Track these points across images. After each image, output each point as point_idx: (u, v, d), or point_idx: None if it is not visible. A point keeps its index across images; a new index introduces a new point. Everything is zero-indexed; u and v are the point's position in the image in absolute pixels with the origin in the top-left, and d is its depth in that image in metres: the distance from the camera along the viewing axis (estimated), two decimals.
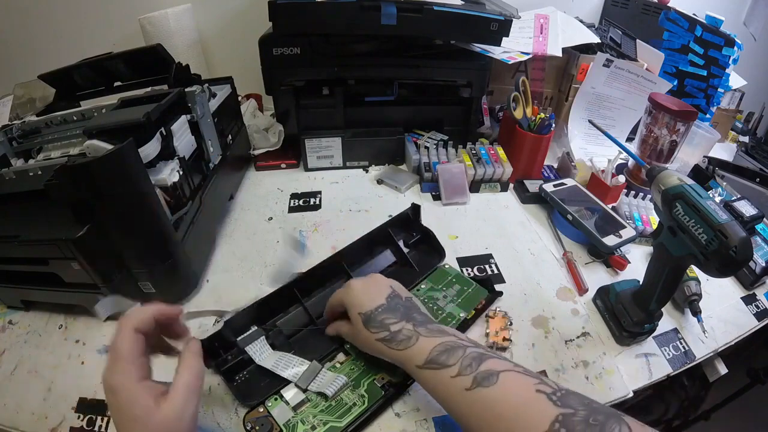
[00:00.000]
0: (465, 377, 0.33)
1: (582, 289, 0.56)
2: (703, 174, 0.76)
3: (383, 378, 0.43)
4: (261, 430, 0.39)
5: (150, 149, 0.45)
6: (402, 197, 0.74)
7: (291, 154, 0.81)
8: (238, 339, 0.43)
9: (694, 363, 0.50)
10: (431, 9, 0.64)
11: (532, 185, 0.74)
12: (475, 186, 0.75)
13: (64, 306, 0.51)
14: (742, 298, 0.58)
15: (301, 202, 0.72)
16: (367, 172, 0.81)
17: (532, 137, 0.74)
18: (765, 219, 0.63)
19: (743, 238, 0.35)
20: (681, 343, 0.51)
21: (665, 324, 0.52)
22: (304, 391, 0.41)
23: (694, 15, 0.91)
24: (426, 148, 0.78)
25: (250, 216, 0.69)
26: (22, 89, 0.68)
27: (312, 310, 0.49)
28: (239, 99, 0.83)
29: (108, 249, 0.44)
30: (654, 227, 0.64)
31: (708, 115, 0.95)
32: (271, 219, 0.68)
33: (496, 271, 0.59)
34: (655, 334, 0.51)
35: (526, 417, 0.30)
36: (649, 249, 0.64)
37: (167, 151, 0.49)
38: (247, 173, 0.80)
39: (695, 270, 0.55)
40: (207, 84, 0.64)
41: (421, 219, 0.59)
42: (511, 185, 0.77)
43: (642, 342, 0.50)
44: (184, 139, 0.52)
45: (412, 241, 0.58)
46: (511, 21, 0.68)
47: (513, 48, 0.80)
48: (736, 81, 0.97)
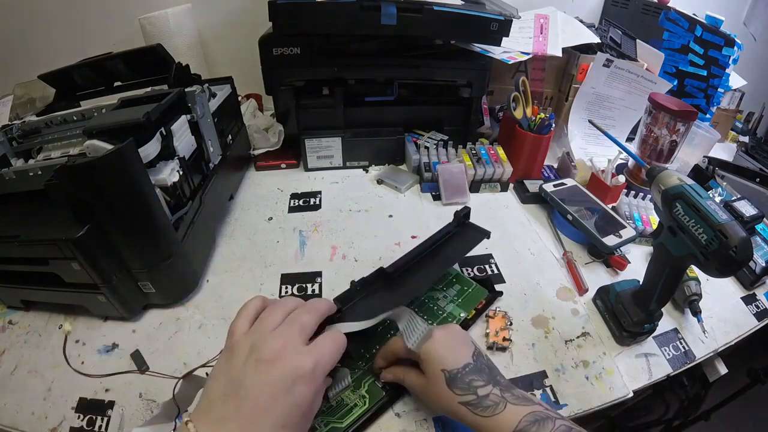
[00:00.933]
0: None
1: (582, 289, 0.56)
2: (703, 174, 0.76)
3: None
4: None
5: (150, 149, 0.45)
6: (402, 197, 0.74)
7: (291, 154, 0.81)
8: None
9: (694, 363, 0.50)
10: (431, 9, 0.64)
11: (532, 185, 0.74)
12: (475, 186, 0.75)
13: (64, 306, 0.51)
14: (742, 298, 0.58)
15: (301, 202, 0.72)
16: (367, 172, 0.81)
17: (532, 137, 0.74)
18: (765, 219, 0.63)
19: (743, 238, 0.35)
20: (681, 343, 0.51)
21: (665, 324, 0.52)
22: None
23: (694, 15, 0.91)
24: (426, 148, 0.78)
25: (250, 216, 0.69)
26: (22, 89, 0.68)
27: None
28: (239, 99, 0.83)
29: (108, 249, 0.44)
30: (654, 227, 0.64)
31: (708, 115, 0.95)
32: (271, 219, 0.68)
33: (496, 271, 0.59)
34: (655, 334, 0.51)
35: None
36: (649, 249, 0.64)
37: (167, 151, 0.49)
38: (247, 173, 0.80)
39: (695, 270, 0.55)
40: (207, 84, 0.64)
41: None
42: (511, 185, 0.77)
43: (642, 342, 0.50)
44: (184, 139, 0.52)
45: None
46: (511, 21, 0.68)
47: (513, 48, 0.80)
48: (736, 81, 0.97)
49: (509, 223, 0.69)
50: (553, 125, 0.75)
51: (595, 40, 0.85)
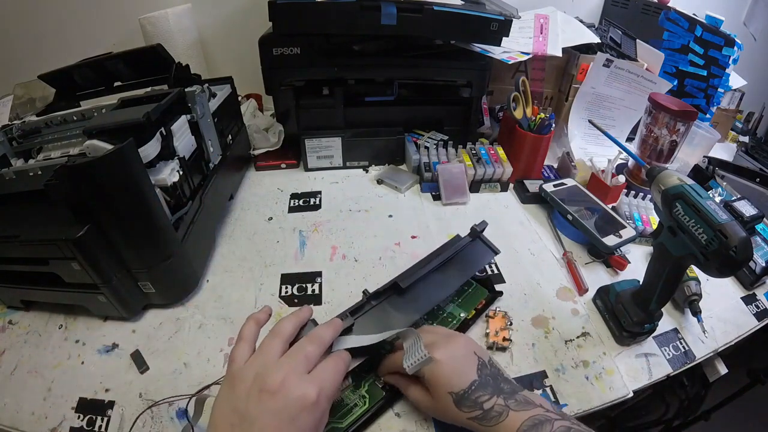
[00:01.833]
0: None
1: (582, 289, 0.56)
2: (703, 174, 0.76)
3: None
4: None
5: (150, 149, 0.45)
6: (402, 197, 0.74)
7: (291, 154, 0.81)
8: None
9: (694, 363, 0.50)
10: (431, 9, 0.64)
11: (532, 185, 0.74)
12: (475, 186, 0.75)
13: (64, 306, 0.51)
14: (742, 298, 0.58)
15: (301, 202, 0.72)
16: (367, 172, 0.81)
17: (532, 137, 0.74)
18: (765, 219, 0.63)
19: (743, 238, 0.35)
20: (681, 343, 0.51)
21: (665, 324, 0.52)
22: None
23: (694, 15, 0.91)
24: (426, 148, 0.78)
25: (250, 216, 0.69)
26: (22, 89, 0.68)
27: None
28: (239, 99, 0.83)
29: (108, 249, 0.44)
30: (654, 227, 0.64)
31: (708, 115, 0.95)
32: (271, 219, 0.68)
33: (496, 271, 0.59)
34: (655, 334, 0.51)
35: None
36: (649, 249, 0.64)
37: (167, 151, 0.49)
38: (247, 173, 0.80)
39: (695, 270, 0.55)
40: (207, 84, 0.64)
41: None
42: (511, 185, 0.77)
43: (642, 342, 0.50)
44: (184, 139, 0.52)
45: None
46: (511, 21, 0.68)
47: (513, 48, 0.80)
48: (736, 81, 0.97)
49: (509, 223, 0.69)
50: (553, 125, 0.75)
51: (595, 40, 0.85)
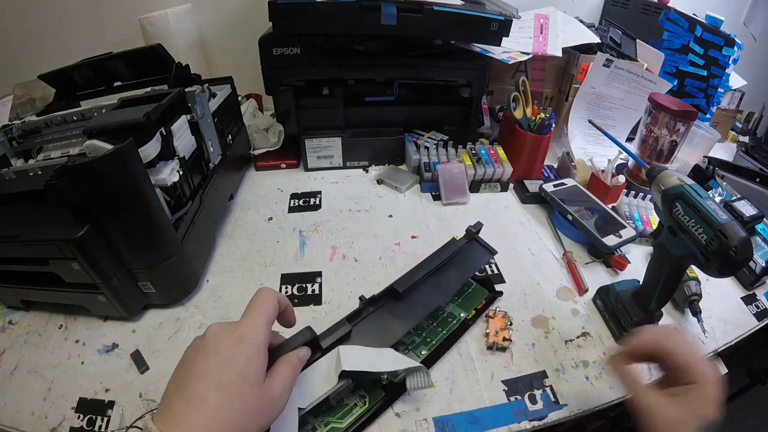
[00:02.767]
0: None
1: (582, 289, 0.56)
2: (703, 174, 0.76)
3: (384, 378, 0.43)
4: None
5: (150, 149, 0.45)
6: (402, 197, 0.74)
7: (291, 154, 0.81)
8: None
9: None
10: (431, 9, 0.64)
11: (532, 185, 0.74)
12: (475, 186, 0.75)
13: (64, 306, 0.51)
14: (742, 298, 0.58)
15: (301, 202, 0.72)
16: (367, 172, 0.81)
17: (532, 137, 0.74)
18: (765, 219, 0.63)
19: (743, 238, 0.35)
20: None
21: (665, 324, 0.52)
22: None
23: (694, 15, 0.91)
24: (426, 148, 0.78)
25: (250, 216, 0.69)
26: (22, 89, 0.68)
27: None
28: (239, 99, 0.83)
29: (108, 249, 0.44)
30: (654, 227, 0.64)
31: (708, 115, 0.95)
32: (271, 219, 0.68)
33: (496, 271, 0.59)
34: None
35: None
36: (649, 249, 0.64)
37: (167, 151, 0.49)
38: (247, 173, 0.80)
39: (695, 270, 0.55)
40: (207, 84, 0.64)
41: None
42: (511, 185, 0.77)
43: None
44: (184, 139, 0.52)
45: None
46: (511, 21, 0.68)
47: (513, 48, 0.80)
48: (736, 81, 0.97)
49: (509, 223, 0.69)
50: (553, 125, 0.75)
51: (595, 40, 0.85)
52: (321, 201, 0.72)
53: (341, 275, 0.57)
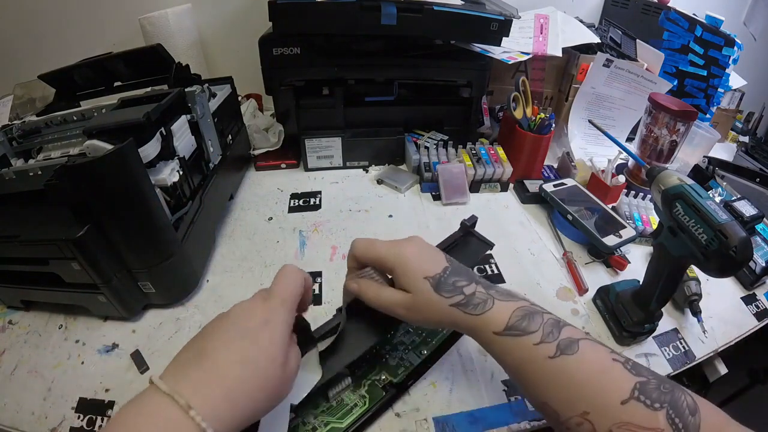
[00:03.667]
0: (548, 345, 0.32)
1: (582, 289, 0.56)
2: (703, 174, 0.76)
3: (384, 378, 0.43)
4: None
5: (150, 149, 0.45)
6: (402, 197, 0.74)
7: (291, 154, 0.81)
8: None
9: (694, 363, 0.50)
10: (431, 9, 0.64)
11: (532, 185, 0.74)
12: (475, 186, 0.75)
13: (64, 306, 0.51)
14: (742, 298, 0.58)
15: (301, 202, 0.72)
16: (367, 172, 0.81)
17: (532, 137, 0.74)
18: (765, 219, 0.63)
19: (743, 238, 0.35)
20: (681, 343, 0.51)
21: (665, 324, 0.52)
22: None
23: (694, 15, 0.91)
24: (426, 148, 0.78)
25: (250, 216, 0.69)
26: (22, 89, 0.67)
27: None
28: (239, 99, 0.83)
29: (108, 249, 0.44)
30: (654, 227, 0.64)
31: (708, 115, 0.95)
32: (271, 219, 0.68)
33: (496, 271, 0.59)
34: (655, 334, 0.51)
35: (607, 384, 0.30)
36: (649, 249, 0.64)
37: (167, 151, 0.49)
38: (247, 173, 0.80)
39: (695, 270, 0.55)
40: (207, 84, 0.64)
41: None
42: (511, 185, 0.77)
43: (642, 342, 0.50)
44: (184, 139, 0.52)
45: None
46: (511, 21, 0.68)
47: (513, 48, 0.80)
48: (736, 81, 0.97)
49: (509, 223, 0.69)
50: (553, 125, 0.75)
51: (595, 40, 0.85)
52: (321, 201, 0.72)
53: (341, 275, 0.57)
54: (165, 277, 0.49)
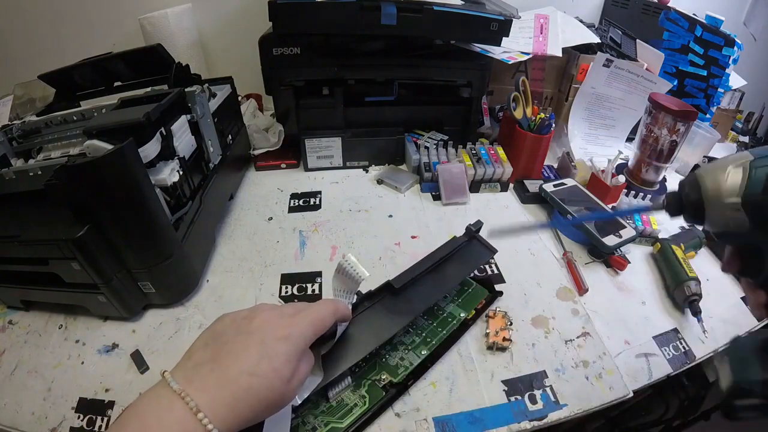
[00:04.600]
0: None
1: (582, 289, 0.56)
2: None
3: (384, 378, 0.43)
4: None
5: (150, 149, 0.45)
6: (402, 197, 0.74)
7: (291, 154, 0.81)
8: None
9: (694, 363, 0.50)
10: (431, 9, 0.64)
11: (532, 185, 0.74)
12: (475, 186, 0.75)
13: (64, 306, 0.51)
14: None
15: (301, 202, 0.72)
16: (367, 172, 0.81)
17: (532, 137, 0.74)
18: None
19: None
20: (681, 343, 0.51)
21: (665, 324, 0.52)
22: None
23: (694, 15, 0.91)
24: (426, 148, 0.78)
25: (250, 216, 0.69)
26: (22, 89, 0.68)
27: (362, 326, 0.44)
28: (239, 99, 0.83)
29: (108, 249, 0.44)
30: (654, 227, 0.64)
31: (708, 115, 0.95)
32: (271, 219, 0.68)
33: (496, 271, 0.59)
34: (655, 334, 0.51)
35: None
36: (649, 249, 0.64)
37: (167, 151, 0.49)
38: (247, 173, 0.80)
39: (695, 270, 0.55)
40: (207, 84, 0.64)
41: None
42: (511, 185, 0.77)
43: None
44: (184, 139, 0.52)
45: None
46: (511, 21, 0.68)
47: (513, 48, 0.80)
48: (736, 81, 0.97)
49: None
50: (553, 125, 0.75)
51: (595, 40, 0.85)
52: (321, 201, 0.72)
53: None
54: (165, 277, 0.49)
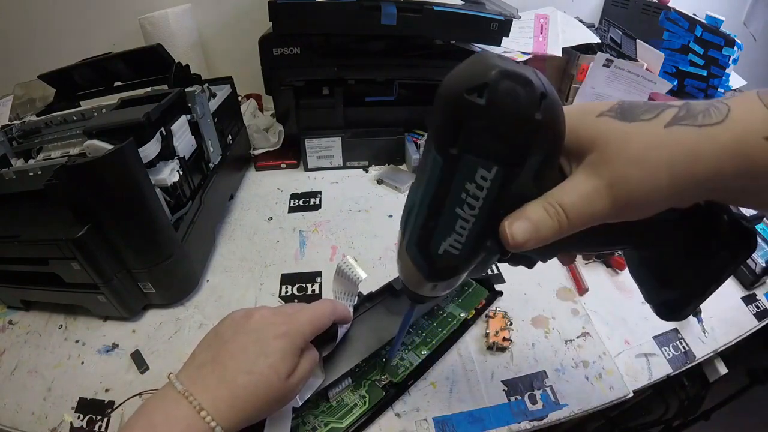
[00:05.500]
0: None
1: (582, 289, 0.56)
2: None
3: (384, 378, 0.43)
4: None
5: (150, 149, 0.45)
6: (402, 197, 0.74)
7: (291, 154, 0.81)
8: None
9: (694, 363, 0.50)
10: (431, 9, 0.64)
11: None
12: None
13: (64, 306, 0.52)
14: (742, 298, 0.58)
15: (301, 202, 0.72)
16: (367, 172, 0.81)
17: None
18: (765, 219, 0.63)
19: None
20: (681, 343, 0.51)
21: (665, 324, 0.52)
22: None
23: (694, 15, 0.91)
24: None
25: (250, 216, 0.69)
26: (22, 89, 0.68)
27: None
28: (239, 99, 0.83)
29: (108, 249, 0.44)
30: None
31: None
32: (271, 219, 0.68)
33: (496, 271, 0.59)
34: (655, 334, 0.51)
35: None
36: None
37: (167, 151, 0.49)
38: (247, 173, 0.80)
39: None
40: (207, 84, 0.64)
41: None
42: None
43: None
44: (184, 139, 0.52)
45: None
46: (511, 21, 0.68)
47: (513, 48, 0.80)
48: (736, 81, 0.97)
49: None
50: None
51: (595, 40, 0.85)
52: (321, 201, 0.72)
53: None
54: (165, 277, 0.49)
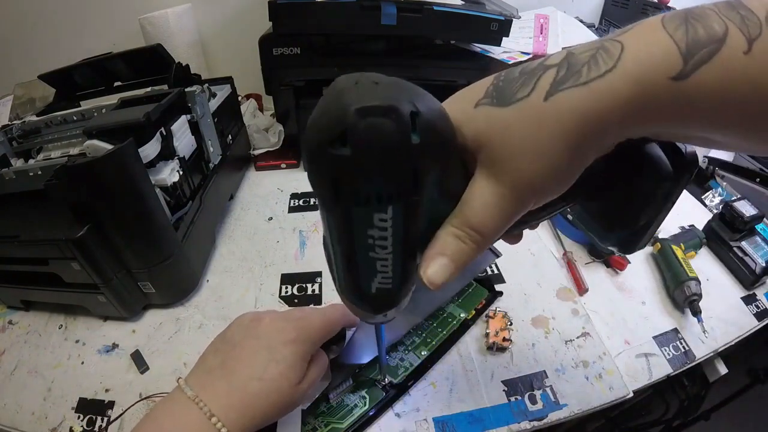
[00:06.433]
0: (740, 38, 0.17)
1: (582, 289, 0.56)
2: (703, 174, 0.76)
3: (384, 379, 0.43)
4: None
5: (150, 149, 0.45)
6: None
7: (291, 154, 0.81)
8: None
9: (694, 363, 0.50)
10: (431, 9, 0.64)
11: None
12: None
13: (64, 306, 0.52)
14: (742, 298, 0.58)
15: (301, 202, 0.72)
16: None
17: None
18: (765, 219, 0.63)
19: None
20: (681, 343, 0.51)
21: (665, 324, 0.52)
22: None
23: None
24: None
25: (250, 216, 0.69)
26: (22, 89, 0.68)
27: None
28: (239, 99, 0.83)
29: (108, 249, 0.44)
30: None
31: None
32: (271, 219, 0.68)
33: (496, 271, 0.59)
34: (655, 334, 0.51)
35: None
36: (649, 249, 0.64)
37: (167, 151, 0.49)
38: (247, 173, 0.80)
39: (695, 270, 0.55)
40: (207, 84, 0.64)
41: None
42: None
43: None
44: (184, 139, 0.52)
45: None
46: (511, 21, 0.68)
47: (513, 48, 0.80)
48: None
49: None
50: None
51: None
52: None
53: None
54: (165, 277, 0.49)
